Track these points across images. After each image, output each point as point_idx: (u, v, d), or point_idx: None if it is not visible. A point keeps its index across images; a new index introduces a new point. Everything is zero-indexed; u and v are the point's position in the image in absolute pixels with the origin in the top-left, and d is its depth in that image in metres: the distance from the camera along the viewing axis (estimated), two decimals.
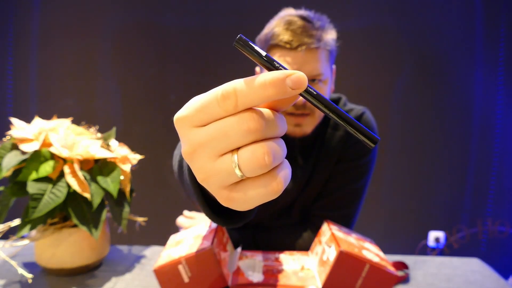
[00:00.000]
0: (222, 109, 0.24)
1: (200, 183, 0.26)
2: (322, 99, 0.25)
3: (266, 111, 0.25)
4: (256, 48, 0.25)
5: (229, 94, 0.23)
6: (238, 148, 0.24)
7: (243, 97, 0.23)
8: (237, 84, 0.24)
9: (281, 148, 0.25)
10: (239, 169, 0.24)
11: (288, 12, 0.76)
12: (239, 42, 0.25)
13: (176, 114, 0.25)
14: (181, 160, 0.43)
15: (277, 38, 0.72)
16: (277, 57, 0.73)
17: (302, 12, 0.75)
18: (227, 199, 0.26)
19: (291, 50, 0.71)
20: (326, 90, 0.77)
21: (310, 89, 0.25)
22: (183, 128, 0.25)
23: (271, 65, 0.25)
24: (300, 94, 0.25)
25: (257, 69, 0.83)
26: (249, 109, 0.24)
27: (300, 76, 0.24)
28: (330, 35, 0.75)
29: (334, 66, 0.82)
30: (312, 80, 0.74)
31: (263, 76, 0.23)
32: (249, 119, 0.24)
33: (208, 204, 0.41)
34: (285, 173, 0.26)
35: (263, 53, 0.25)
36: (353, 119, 0.25)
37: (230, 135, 0.24)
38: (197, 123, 0.25)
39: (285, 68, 0.25)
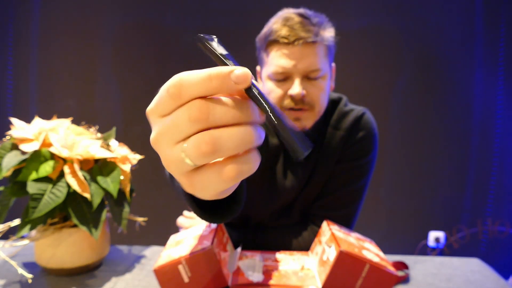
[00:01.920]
0: (172, 100, 0.25)
1: (166, 169, 0.27)
2: (264, 99, 0.25)
3: (218, 99, 0.25)
4: (214, 46, 0.26)
5: (175, 85, 0.24)
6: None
7: (187, 88, 0.24)
8: (183, 75, 0.24)
9: (230, 136, 0.24)
10: (188, 157, 0.25)
11: (287, 11, 0.76)
12: (200, 40, 0.26)
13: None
14: None
15: (275, 33, 0.73)
16: (274, 51, 0.73)
17: (301, 10, 0.76)
18: (189, 185, 0.27)
19: (288, 45, 0.72)
20: (325, 86, 0.76)
21: (255, 88, 0.25)
22: (152, 119, 0.27)
23: (224, 63, 0.26)
24: (245, 91, 0.25)
25: (258, 68, 0.83)
26: (196, 98, 0.24)
27: (243, 72, 0.24)
28: (328, 32, 0.75)
29: (333, 64, 0.81)
30: (312, 77, 0.73)
31: (209, 70, 0.24)
32: (192, 108, 0.24)
33: (195, 200, 0.42)
34: (241, 162, 0.25)
35: (221, 52, 0.26)
36: (286, 127, 0.25)
37: (178, 125, 0.24)
38: (161, 113, 0.26)
39: (237, 65, 0.26)
